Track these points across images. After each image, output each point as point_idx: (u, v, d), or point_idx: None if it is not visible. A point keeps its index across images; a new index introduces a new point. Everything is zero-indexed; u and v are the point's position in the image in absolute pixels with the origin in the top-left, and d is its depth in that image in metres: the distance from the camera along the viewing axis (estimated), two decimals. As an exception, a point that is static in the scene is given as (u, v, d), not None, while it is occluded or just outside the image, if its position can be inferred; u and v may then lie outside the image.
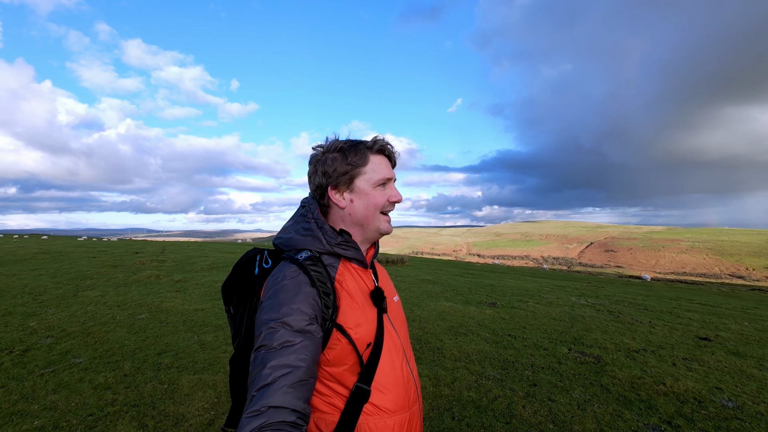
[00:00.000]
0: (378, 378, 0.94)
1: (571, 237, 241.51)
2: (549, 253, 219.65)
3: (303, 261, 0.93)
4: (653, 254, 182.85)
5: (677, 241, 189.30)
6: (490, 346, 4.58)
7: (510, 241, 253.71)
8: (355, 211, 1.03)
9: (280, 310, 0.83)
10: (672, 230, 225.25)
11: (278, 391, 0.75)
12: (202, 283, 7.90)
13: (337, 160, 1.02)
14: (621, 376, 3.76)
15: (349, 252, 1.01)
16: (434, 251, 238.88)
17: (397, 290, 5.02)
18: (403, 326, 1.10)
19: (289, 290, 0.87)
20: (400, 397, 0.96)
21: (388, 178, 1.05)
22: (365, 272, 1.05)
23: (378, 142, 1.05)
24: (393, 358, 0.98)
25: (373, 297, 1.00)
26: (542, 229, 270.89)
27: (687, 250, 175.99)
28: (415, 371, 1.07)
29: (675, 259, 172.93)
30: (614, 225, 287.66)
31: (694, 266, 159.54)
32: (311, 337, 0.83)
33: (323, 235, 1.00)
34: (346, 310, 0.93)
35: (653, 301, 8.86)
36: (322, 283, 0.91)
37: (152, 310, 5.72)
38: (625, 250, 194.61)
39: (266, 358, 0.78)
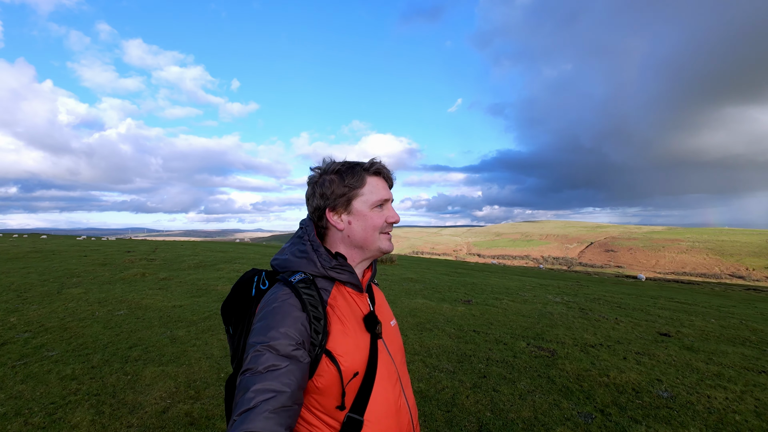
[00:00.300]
0: (371, 407, 0.91)
1: (572, 237, 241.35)
2: (549, 253, 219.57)
3: (296, 284, 0.93)
4: (653, 254, 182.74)
5: (677, 241, 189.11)
6: (452, 341, 4.74)
7: (510, 241, 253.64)
8: (354, 233, 1.03)
9: (268, 334, 0.83)
10: (672, 230, 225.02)
11: (259, 416, 0.74)
12: (185, 281, 8.06)
13: (334, 182, 1.02)
14: (569, 368, 3.92)
15: (344, 276, 1.00)
16: (434, 251, 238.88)
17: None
18: (399, 352, 1.08)
19: (278, 313, 0.86)
20: (391, 429, 0.94)
21: (386, 199, 1.05)
22: (360, 296, 1.04)
23: (375, 165, 1.05)
24: (386, 387, 0.96)
25: (366, 322, 0.98)
26: (542, 229, 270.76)
27: (687, 250, 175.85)
28: (411, 400, 1.04)
29: (675, 259, 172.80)
30: (614, 225, 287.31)
31: (694, 266, 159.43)
32: (297, 363, 0.82)
33: (318, 258, 1.00)
34: (336, 335, 0.92)
35: (631, 299, 9.02)
36: (313, 307, 0.90)
37: (132, 306, 5.89)
38: (625, 250, 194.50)
39: (250, 382, 0.78)
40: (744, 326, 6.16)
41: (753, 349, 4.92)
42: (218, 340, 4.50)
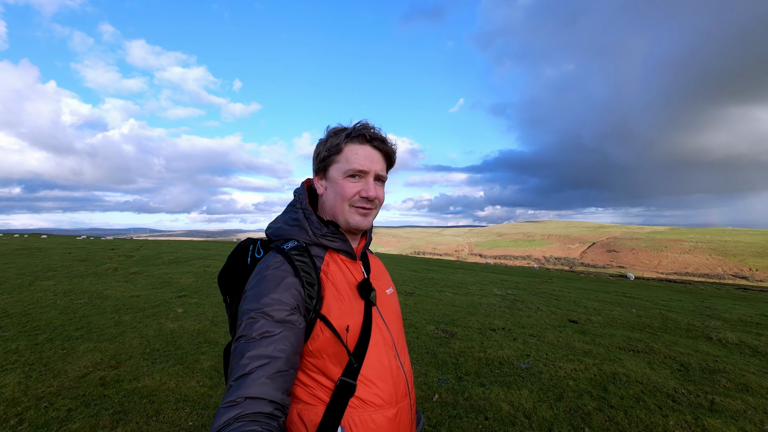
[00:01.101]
0: (364, 371, 0.92)
1: (574, 237, 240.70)
2: (551, 254, 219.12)
3: (288, 251, 0.93)
4: (656, 254, 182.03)
5: (680, 241, 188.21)
6: (370, 325, 5.28)
7: (512, 241, 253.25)
8: (327, 200, 1.03)
9: (261, 300, 0.83)
10: (675, 230, 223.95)
11: (256, 382, 0.74)
12: (153, 274, 8.63)
13: (321, 144, 1.02)
14: (457, 347, 4.44)
15: (336, 243, 1.00)
16: (436, 251, 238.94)
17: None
18: (395, 319, 1.08)
19: (271, 280, 0.86)
20: (387, 391, 0.94)
21: (361, 170, 0.99)
22: (354, 264, 1.04)
23: (358, 129, 1.00)
24: (380, 352, 0.96)
25: (360, 289, 0.98)
26: (544, 229, 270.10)
27: (690, 250, 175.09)
28: (406, 365, 1.05)
29: (678, 259, 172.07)
30: (617, 225, 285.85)
31: (697, 266, 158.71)
32: (292, 328, 0.83)
33: (309, 225, 0.99)
34: (330, 301, 0.92)
35: (577, 293, 9.49)
36: (306, 273, 0.91)
37: (93, 296, 6.46)
38: (628, 251, 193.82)
39: (245, 349, 0.78)
40: (660, 316, 6.64)
41: (644, 333, 5.42)
42: (158, 324, 5.04)
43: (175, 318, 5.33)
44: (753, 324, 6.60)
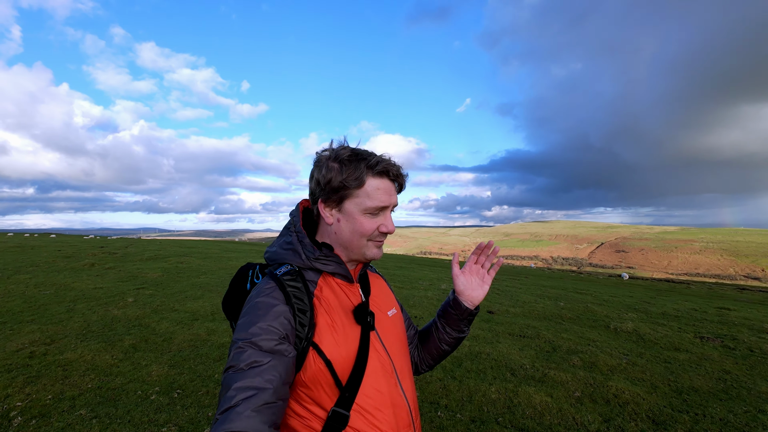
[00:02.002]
0: (360, 401, 0.88)
1: (581, 237, 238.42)
2: (558, 254, 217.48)
3: (281, 276, 0.90)
4: (665, 255, 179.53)
5: (690, 241, 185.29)
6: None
7: (519, 241, 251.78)
8: (341, 233, 0.97)
9: (249, 330, 0.81)
10: (685, 230, 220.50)
11: (241, 415, 0.72)
12: (125, 270, 9.30)
13: (332, 171, 0.94)
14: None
15: (330, 267, 0.96)
16: (442, 251, 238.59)
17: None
18: (396, 343, 1.02)
19: (261, 308, 0.84)
20: (386, 422, 0.90)
21: (383, 207, 0.96)
22: (350, 287, 1.00)
23: (381, 163, 0.95)
24: (379, 379, 0.92)
25: (356, 314, 0.94)
26: (552, 230, 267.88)
27: (701, 250, 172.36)
28: (409, 393, 0.99)
29: (688, 260, 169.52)
30: (625, 225, 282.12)
31: (708, 267, 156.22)
32: (281, 358, 0.80)
33: (303, 249, 0.96)
34: (322, 328, 0.88)
35: (528, 289, 9.94)
36: (298, 299, 0.87)
37: (60, 288, 7.11)
38: (637, 251, 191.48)
39: (232, 380, 0.76)
40: (583, 309, 7.08)
41: (548, 322, 5.89)
42: (104, 311, 5.66)
43: (122, 306, 5.94)
44: (670, 317, 7.02)
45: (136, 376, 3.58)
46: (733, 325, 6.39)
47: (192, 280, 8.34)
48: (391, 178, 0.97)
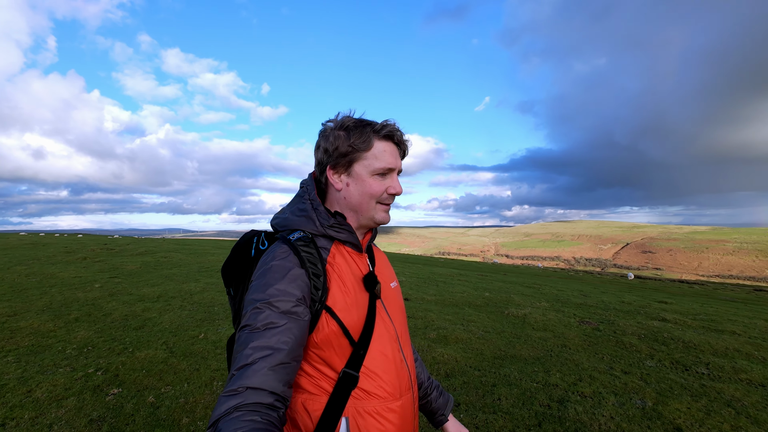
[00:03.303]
0: (368, 363, 0.92)
1: (605, 237, 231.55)
2: (581, 254, 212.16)
3: (295, 241, 0.93)
4: (695, 256, 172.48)
5: (723, 242, 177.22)
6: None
7: (540, 241, 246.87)
8: (350, 196, 1.01)
9: (267, 291, 0.84)
10: (717, 230, 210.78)
11: (258, 373, 0.75)
12: (109, 263, 10.50)
13: (339, 138, 0.98)
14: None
15: (342, 235, 1.00)
16: (461, 252, 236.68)
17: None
18: (399, 313, 1.08)
19: (277, 271, 0.87)
20: (391, 384, 0.95)
21: (390, 168, 1.00)
22: (359, 256, 1.04)
23: (386, 127, 1.00)
24: (384, 344, 0.97)
25: (365, 282, 0.99)
26: (574, 229, 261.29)
27: (734, 251, 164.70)
28: (410, 359, 1.05)
29: (720, 260, 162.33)
30: (652, 225, 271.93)
31: (742, 268, 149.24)
32: (297, 319, 0.83)
33: (317, 216, 0.99)
34: (335, 292, 0.92)
35: (490, 283, 10.57)
36: (312, 264, 0.90)
37: (45, 277, 8.31)
38: (665, 252, 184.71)
39: (249, 339, 0.79)
40: (501, 298, 7.72)
41: (453, 308, 6.60)
42: (71, 294, 6.74)
43: (88, 291, 7.03)
44: (580, 306, 7.57)
45: (65, 338, 4.57)
46: (638, 314, 6.89)
47: (163, 271, 9.43)
48: (396, 141, 1.02)
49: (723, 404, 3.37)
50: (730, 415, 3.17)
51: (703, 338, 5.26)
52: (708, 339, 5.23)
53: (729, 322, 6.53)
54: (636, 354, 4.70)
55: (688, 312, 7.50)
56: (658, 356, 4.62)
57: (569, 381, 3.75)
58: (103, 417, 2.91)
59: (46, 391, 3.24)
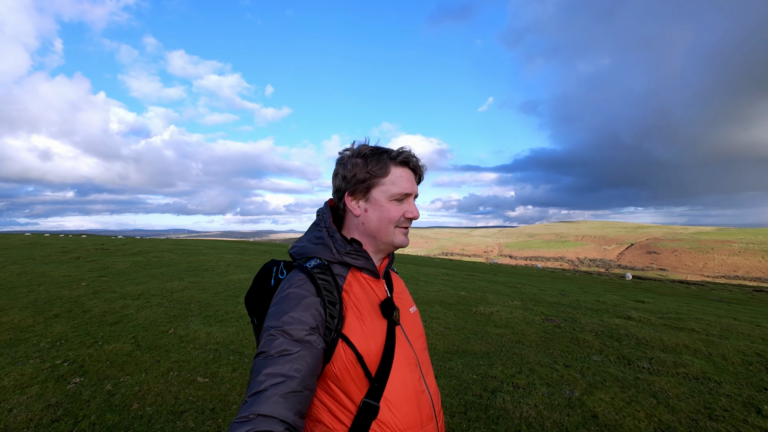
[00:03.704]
0: (387, 393, 0.91)
1: (610, 238, 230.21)
2: (585, 255, 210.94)
3: (311, 269, 0.95)
4: (701, 256, 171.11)
5: (728, 242, 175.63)
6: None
7: (543, 242, 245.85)
8: (369, 222, 1.03)
9: (281, 318, 0.85)
10: (723, 231, 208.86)
11: (269, 400, 0.76)
12: (101, 262, 10.79)
13: (357, 166, 1.02)
14: (240, 308, 6.08)
15: (359, 261, 1.01)
16: (464, 252, 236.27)
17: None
18: (419, 338, 1.08)
19: (292, 299, 0.88)
20: (411, 415, 0.93)
21: (407, 193, 1.03)
22: (377, 282, 1.05)
23: (402, 154, 1.04)
24: (404, 373, 0.96)
25: (383, 308, 0.99)
26: (578, 230, 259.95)
27: (740, 252, 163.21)
28: (432, 386, 1.04)
29: (726, 261, 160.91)
30: (657, 225, 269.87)
31: (748, 269, 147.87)
32: (310, 348, 0.84)
33: (333, 243, 1.00)
34: (352, 320, 0.93)
35: (472, 282, 10.76)
36: (328, 292, 0.92)
37: (36, 275, 8.61)
38: (669, 252, 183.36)
39: (262, 365, 0.80)
40: (476, 296, 7.92)
41: (443, 306, 6.79)
42: (57, 291, 7.02)
43: (74, 289, 7.31)
44: (550, 304, 7.75)
45: (42, 332, 4.83)
46: (605, 313, 7.07)
47: (152, 270, 9.71)
48: (412, 167, 1.05)
49: (648, 395, 3.56)
50: (650, 405, 3.36)
51: (657, 335, 5.43)
52: (662, 336, 5.40)
53: (694, 321, 6.69)
54: (586, 349, 4.89)
55: (659, 311, 7.66)
56: (606, 351, 4.80)
57: (508, 373, 3.96)
58: (60, 403, 3.15)
59: (13, 380, 3.49)
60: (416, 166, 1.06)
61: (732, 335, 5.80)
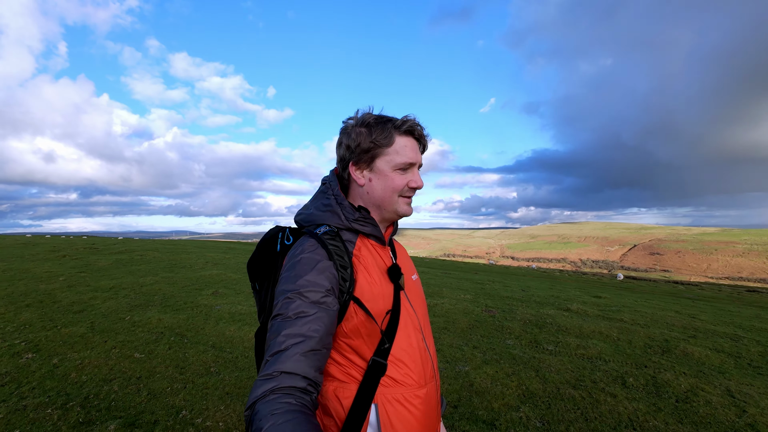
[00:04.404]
0: (395, 352, 0.97)
1: (612, 239, 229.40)
2: (588, 256, 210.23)
3: (321, 235, 0.97)
4: (704, 257, 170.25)
5: (732, 243, 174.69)
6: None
7: (546, 243, 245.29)
8: (373, 191, 1.06)
9: (297, 282, 0.89)
10: (726, 231, 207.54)
11: (291, 358, 0.80)
12: (85, 260, 11.32)
13: (361, 135, 1.03)
14: (199, 299, 6.57)
15: (367, 228, 1.04)
16: (466, 253, 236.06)
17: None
18: (421, 304, 1.13)
19: (306, 263, 0.92)
20: (416, 372, 1.00)
21: (411, 163, 1.05)
22: (383, 249, 1.09)
23: (407, 123, 1.04)
24: (410, 334, 1.01)
25: (390, 273, 1.03)
26: (581, 231, 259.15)
27: (744, 253, 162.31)
28: (432, 349, 1.09)
29: (730, 263, 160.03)
30: (660, 226, 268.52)
31: (752, 271, 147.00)
32: (326, 309, 0.88)
33: (342, 210, 1.03)
34: (362, 283, 0.97)
35: (450, 281, 11.21)
36: (339, 256, 0.95)
37: (20, 271, 9.13)
38: (673, 253, 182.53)
39: (281, 327, 0.84)
40: (434, 291, 8.35)
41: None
42: (34, 286, 7.53)
43: (51, 283, 7.83)
44: (503, 297, 8.18)
45: (11, 319, 5.33)
46: (546, 305, 7.49)
47: (131, 267, 10.23)
48: (416, 137, 1.07)
49: (532, 370, 4.02)
50: (528, 377, 3.81)
51: (580, 324, 5.87)
52: (584, 324, 5.83)
53: (631, 312, 7.11)
54: (505, 335, 5.33)
55: (606, 305, 8.06)
56: (523, 337, 5.25)
57: (416, 352, 4.41)
58: (8, 372, 3.65)
59: (-28, 355, 3.99)
60: (420, 135, 1.08)
61: (656, 324, 6.23)
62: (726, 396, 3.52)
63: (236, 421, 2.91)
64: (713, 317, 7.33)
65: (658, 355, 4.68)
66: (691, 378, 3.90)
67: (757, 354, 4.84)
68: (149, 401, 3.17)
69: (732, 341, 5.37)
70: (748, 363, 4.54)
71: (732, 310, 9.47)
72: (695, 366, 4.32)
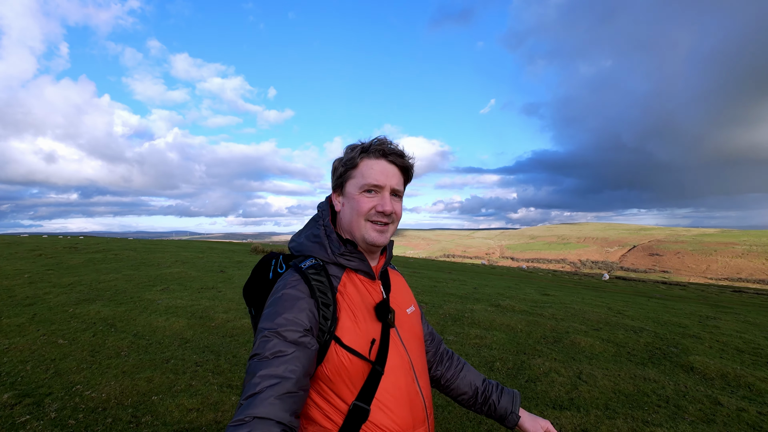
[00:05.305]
0: (380, 395, 0.92)
1: (612, 240, 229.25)
2: (587, 257, 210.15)
3: (306, 270, 0.95)
4: (704, 258, 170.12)
5: (731, 244, 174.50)
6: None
7: (545, 243, 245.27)
8: (344, 216, 1.04)
9: (275, 320, 0.86)
10: (726, 233, 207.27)
11: (264, 402, 0.76)
12: (58, 258, 11.78)
13: (339, 161, 1.05)
14: (146, 294, 7.02)
15: (354, 263, 1.01)
16: (466, 254, 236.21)
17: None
18: (414, 340, 1.08)
19: (287, 300, 0.89)
20: (403, 418, 0.94)
21: (377, 185, 1.01)
22: (372, 284, 1.05)
23: (374, 145, 1.02)
24: (398, 375, 0.97)
25: (377, 311, 0.99)
26: (581, 232, 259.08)
27: (743, 254, 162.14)
28: (425, 389, 1.04)
29: (729, 264, 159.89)
30: (660, 227, 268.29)
31: (751, 272, 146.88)
32: (304, 349, 0.85)
33: (329, 243, 1.01)
34: (345, 322, 0.93)
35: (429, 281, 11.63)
36: (322, 293, 0.92)
37: (-8, 269, 9.62)
38: (672, 254, 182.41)
39: (257, 367, 0.81)
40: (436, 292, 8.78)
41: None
42: (9, 284, 8.00)
43: (14, 279, 8.29)
44: (452, 296, 8.60)
45: (-37, 311, 5.79)
46: (481, 301, 7.88)
47: (100, 265, 10.68)
48: (384, 156, 1.02)
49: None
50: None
51: (494, 317, 6.28)
52: (498, 318, 6.25)
53: (557, 307, 7.52)
54: (418, 327, 5.75)
55: (540, 301, 8.45)
56: (434, 328, 5.66)
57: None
58: (-62, 355, 4.10)
59: None
60: (389, 152, 1.03)
61: (572, 319, 6.63)
62: (574, 378, 3.95)
63: (118, 393, 3.35)
64: (637, 313, 7.73)
65: (545, 345, 5.08)
66: (556, 363, 4.32)
67: (642, 344, 5.25)
68: (52, 378, 3.62)
69: (632, 333, 5.76)
70: (628, 352, 4.96)
71: (676, 307, 9.81)
72: (571, 354, 4.74)
